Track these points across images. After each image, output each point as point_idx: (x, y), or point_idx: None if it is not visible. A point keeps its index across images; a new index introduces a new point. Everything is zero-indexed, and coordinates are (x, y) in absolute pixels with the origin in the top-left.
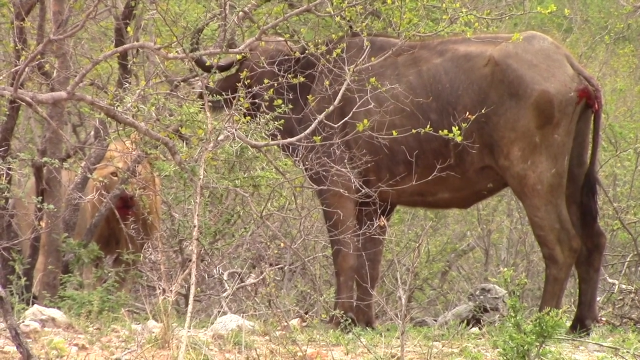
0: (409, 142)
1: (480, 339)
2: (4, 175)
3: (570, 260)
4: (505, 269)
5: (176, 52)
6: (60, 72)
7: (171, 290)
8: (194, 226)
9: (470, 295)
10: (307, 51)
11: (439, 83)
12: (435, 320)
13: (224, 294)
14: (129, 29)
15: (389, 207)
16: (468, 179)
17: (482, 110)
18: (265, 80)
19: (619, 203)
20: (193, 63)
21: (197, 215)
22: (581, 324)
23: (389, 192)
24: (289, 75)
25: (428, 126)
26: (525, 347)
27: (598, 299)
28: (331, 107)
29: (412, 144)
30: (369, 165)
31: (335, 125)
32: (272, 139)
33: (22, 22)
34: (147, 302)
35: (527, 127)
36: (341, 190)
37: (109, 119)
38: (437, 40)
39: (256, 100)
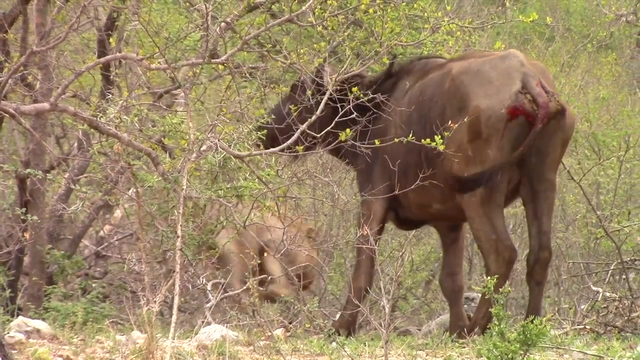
0: (401, 152)
1: (464, 347)
2: None
3: (503, 270)
4: (489, 278)
5: (158, 62)
6: (43, 83)
7: (155, 301)
8: (178, 237)
9: None
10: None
11: (422, 95)
12: (419, 330)
13: (208, 304)
14: (111, 40)
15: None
16: (442, 190)
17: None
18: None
19: (603, 211)
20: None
21: (181, 225)
22: None
23: (405, 204)
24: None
25: (410, 136)
26: (509, 356)
27: (582, 307)
28: (314, 117)
29: (400, 155)
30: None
31: (318, 135)
32: (255, 149)
33: (4, 34)
34: (131, 313)
35: (461, 141)
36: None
37: (92, 130)
38: (458, 57)
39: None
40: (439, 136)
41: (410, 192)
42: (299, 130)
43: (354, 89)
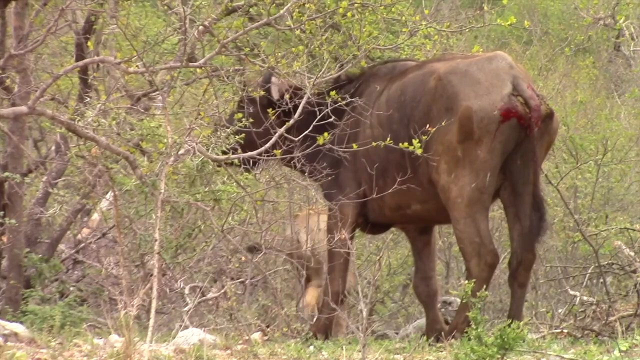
0: (380, 154)
1: (441, 351)
2: None
3: (485, 275)
4: (467, 282)
5: (136, 66)
6: (21, 87)
7: (133, 305)
8: (155, 240)
9: None
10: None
11: (403, 95)
12: (397, 333)
13: (186, 308)
14: (89, 43)
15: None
16: (426, 190)
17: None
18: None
19: (580, 215)
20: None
21: (158, 229)
22: None
23: (376, 207)
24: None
25: (389, 138)
26: None
27: (560, 310)
28: (291, 121)
29: (382, 156)
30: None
31: (296, 139)
32: (233, 153)
33: None
34: (109, 317)
35: (450, 141)
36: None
37: (70, 133)
38: (435, 58)
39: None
40: (417, 140)
41: (387, 193)
42: (276, 134)
43: (332, 93)
